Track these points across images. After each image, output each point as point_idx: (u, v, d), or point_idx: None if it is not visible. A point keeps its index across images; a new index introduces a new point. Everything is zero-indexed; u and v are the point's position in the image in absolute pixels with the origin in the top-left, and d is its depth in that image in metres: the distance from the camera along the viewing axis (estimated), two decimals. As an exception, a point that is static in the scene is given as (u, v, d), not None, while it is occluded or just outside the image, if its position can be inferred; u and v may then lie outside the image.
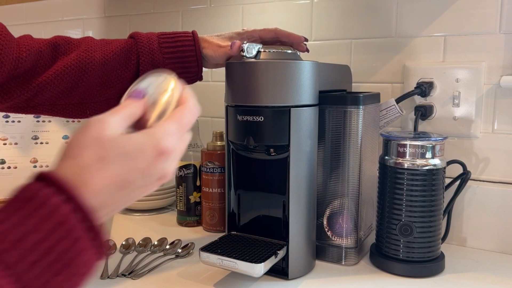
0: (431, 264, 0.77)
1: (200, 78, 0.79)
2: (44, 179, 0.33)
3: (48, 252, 0.30)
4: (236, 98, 0.74)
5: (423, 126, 0.93)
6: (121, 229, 1.00)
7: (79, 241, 0.32)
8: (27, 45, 0.69)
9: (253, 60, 0.72)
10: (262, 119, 0.72)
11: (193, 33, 0.75)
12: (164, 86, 0.44)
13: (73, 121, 1.13)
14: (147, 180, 0.39)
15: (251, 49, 0.72)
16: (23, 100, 0.70)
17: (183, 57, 0.73)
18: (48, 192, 0.32)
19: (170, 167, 0.40)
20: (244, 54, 0.72)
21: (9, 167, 1.08)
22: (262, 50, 0.73)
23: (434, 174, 0.75)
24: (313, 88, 0.74)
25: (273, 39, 0.79)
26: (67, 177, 0.34)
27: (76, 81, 0.70)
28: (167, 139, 0.39)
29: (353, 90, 0.97)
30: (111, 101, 0.75)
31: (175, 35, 0.74)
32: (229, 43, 0.74)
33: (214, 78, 1.19)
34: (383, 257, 0.79)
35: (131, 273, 0.77)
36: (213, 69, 1.19)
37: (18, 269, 0.29)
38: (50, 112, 0.73)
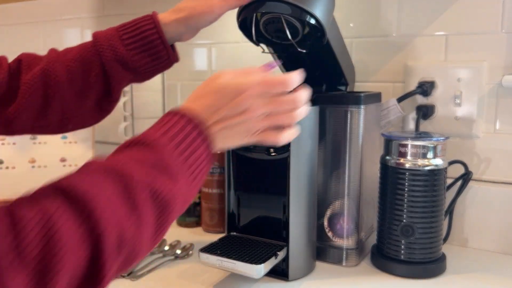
0: (432, 265, 0.76)
1: (176, 60, 0.73)
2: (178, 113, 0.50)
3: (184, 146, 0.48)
4: None
5: (424, 126, 0.92)
6: (120, 230, 0.99)
7: (197, 142, 0.49)
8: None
9: None
10: (262, 119, 0.71)
11: (153, 15, 0.70)
12: None
13: (72, 121, 1.13)
14: (232, 111, 0.51)
15: None
16: (1, 128, 0.68)
17: (147, 43, 0.68)
18: (183, 120, 0.49)
19: (251, 105, 0.52)
20: None
21: (7, 167, 1.07)
22: None
23: (435, 174, 0.75)
24: (326, 16, 0.71)
25: None
26: (186, 107, 0.51)
27: (45, 98, 0.67)
28: (249, 87, 0.51)
29: (354, 90, 0.97)
30: (92, 111, 0.71)
31: (134, 22, 0.70)
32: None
33: (214, 78, 1.19)
34: (384, 258, 0.79)
35: (130, 274, 0.76)
36: (212, 69, 1.18)
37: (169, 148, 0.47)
38: (31, 133, 0.72)
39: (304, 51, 0.75)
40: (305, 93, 0.55)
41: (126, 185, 0.41)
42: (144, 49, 0.69)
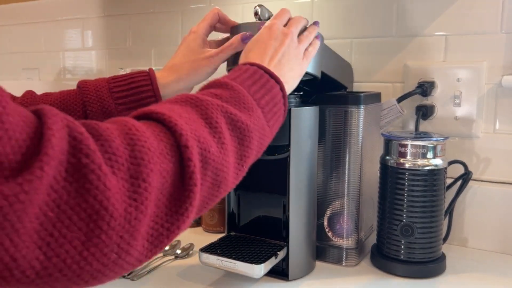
0: (432, 265, 0.76)
1: None
2: (243, 64, 0.56)
3: (268, 94, 0.54)
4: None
5: (424, 126, 0.92)
6: (121, 230, 0.99)
7: (276, 90, 0.55)
8: None
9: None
10: (262, 119, 0.71)
11: (150, 71, 0.68)
12: None
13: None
14: (274, 45, 0.61)
15: (264, 12, 0.71)
16: None
17: (140, 99, 0.65)
18: (248, 67, 0.55)
19: (281, 33, 0.63)
20: (259, 16, 0.70)
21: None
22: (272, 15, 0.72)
23: (435, 174, 0.75)
24: (315, 61, 0.71)
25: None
26: (244, 61, 0.58)
27: None
28: (271, 26, 0.63)
29: (353, 90, 0.97)
30: None
31: (128, 76, 0.67)
32: (216, 50, 0.69)
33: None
34: (384, 258, 0.79)
35: (131, 273, 0.77)
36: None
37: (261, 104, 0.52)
38: None
39: (300, 93, 0.75)
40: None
41: (203, 109, 0.43)
42: (136, 106, 0.65)
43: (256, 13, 0.71)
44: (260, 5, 0.71)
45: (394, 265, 0.77)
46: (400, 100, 0.90)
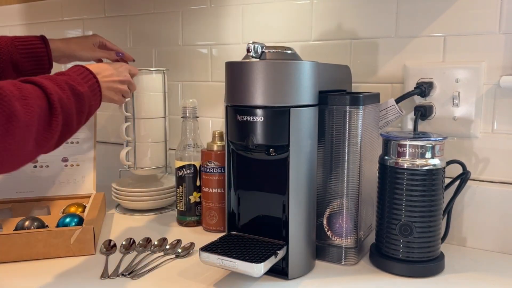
0: (430, 264, 0.77)
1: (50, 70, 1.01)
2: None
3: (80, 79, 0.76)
4: (236, 98, 0.74)
5: (422, 126, 0.93)
6: (121, 229, 1.00)
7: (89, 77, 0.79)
8: None
9: (254, 60, 0.72)
10: (262, 119, 0.72)
11: (42, 38, 0.98)
12: None
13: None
14: (117, 73, 0.89)
15: (257, 49, 0.72)
16: None
17: (36, 55, 0.97)
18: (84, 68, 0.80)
19: (124, 72, 0.93)
20: (251, 54, 0.71)
21: (9, 167, 1.07)
22: (266, 50, 0.73)
23: (433, 174, 0.75)
24: (313, 88, 0.74)
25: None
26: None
27: None
28: (121, 66, 0.93)
29: (353, 90, 0.97)
30: None
31: (28, 39, 0.97)
32: (100, 51, 1.07)
33: (214, 78, 1.19)
34: (383, 257, 0.79)
35: (131, 273, 0.77)
36: (213, 70, 1.19)
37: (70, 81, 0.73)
38: None
39: None
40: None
41: (54, 79, 0.69)
42: (32, 59, 0.96)
43: (248, 50, 0.71)
44: (253, 42, 0.72)
45: (393, 264, 0.78)
46: (399, 100, 0.90)
